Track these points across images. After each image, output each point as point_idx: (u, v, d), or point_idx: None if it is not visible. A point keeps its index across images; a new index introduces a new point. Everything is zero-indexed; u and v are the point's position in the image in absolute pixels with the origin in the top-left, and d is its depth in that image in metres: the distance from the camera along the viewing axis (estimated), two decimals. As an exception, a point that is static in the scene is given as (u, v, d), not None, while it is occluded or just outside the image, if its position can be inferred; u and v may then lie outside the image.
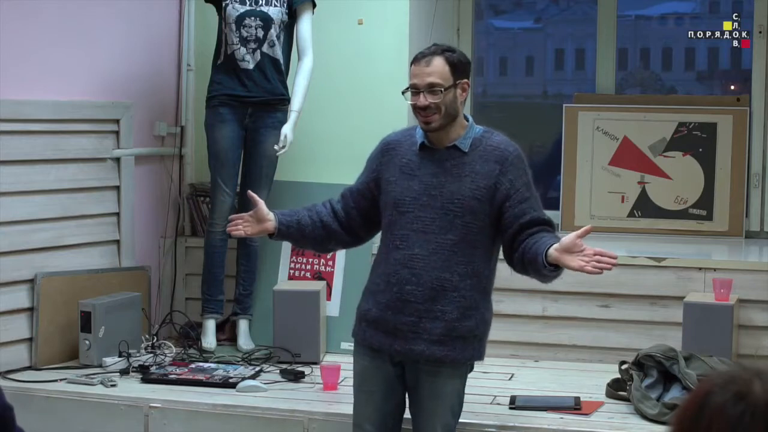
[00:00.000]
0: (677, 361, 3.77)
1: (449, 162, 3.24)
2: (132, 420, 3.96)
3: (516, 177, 3.23)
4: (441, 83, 3.19)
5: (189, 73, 5.12)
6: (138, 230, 4.88)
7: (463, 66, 3.25)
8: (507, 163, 3.23)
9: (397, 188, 3.26)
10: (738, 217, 5.06)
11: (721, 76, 5.88)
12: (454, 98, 3.22)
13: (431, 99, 3.19)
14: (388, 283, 3.25)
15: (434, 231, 3.21)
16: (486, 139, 3.28)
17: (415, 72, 3.22)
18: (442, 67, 3.20)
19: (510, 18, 6.40)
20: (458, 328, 3.23)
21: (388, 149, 3.35)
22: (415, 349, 3.23)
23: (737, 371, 1.46)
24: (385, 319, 3.26)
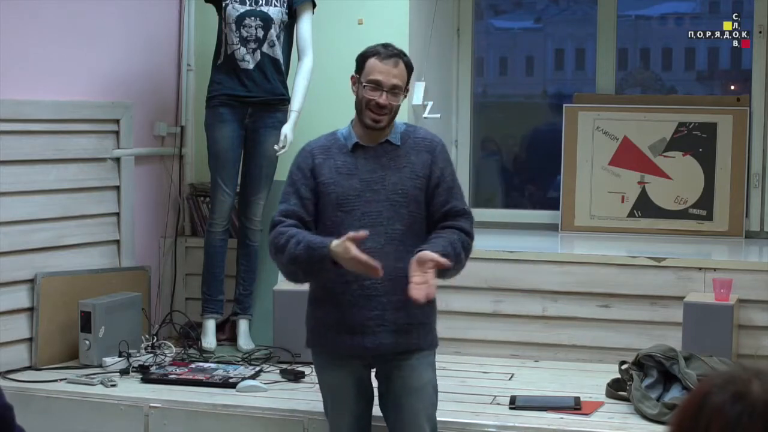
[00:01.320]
0: (677, 361, 3.77)
1: (385, 157, 3.30)
2: (132, 420, 3.96)
3: (444, 166, 3.33)
4: (402, 86, 3.29)
5: (189, 73, 5.12)
6: (138, 230, 4.88)
7: (412, 73, 3.36)
8: (436, 152, 3.33)
9: (337, 188, 3.27)
10: (738, 217, 5.06)
11: (721, 76, 5.89)
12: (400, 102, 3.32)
13: (392, 100, 3.26)
14: (345, 282, 3.22)
15: (382, 223, 3.24)
16: (412, 132, 3.37)
17: (380, 69, 3.28)
18: (404, 70, 3.30)
19: (510, 18, 6.39)
20: (418, 315, 3.25)
21: (316, 154, 3.34)
22: (384, 342, 3.25)
23: (736, 371, 1.46)
24: (348, 318, 3.24)
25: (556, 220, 5.27)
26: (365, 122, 3.30)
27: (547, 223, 5.34)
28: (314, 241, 3.15)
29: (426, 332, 3.32)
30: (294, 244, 3.16)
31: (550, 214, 5.35)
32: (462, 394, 4.02)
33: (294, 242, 3.17)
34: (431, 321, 3.35)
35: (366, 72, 3.30)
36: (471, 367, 4.45)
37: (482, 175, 5.78)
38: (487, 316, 4.60)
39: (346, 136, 3.36)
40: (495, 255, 4.60)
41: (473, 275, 4.60)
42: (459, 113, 5.52)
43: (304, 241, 3.16)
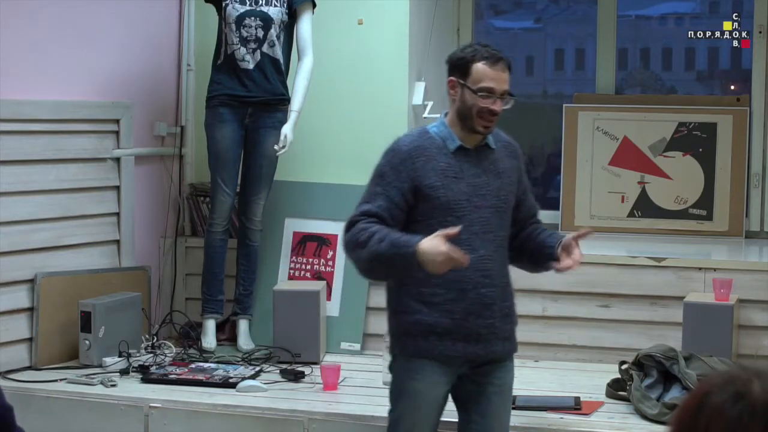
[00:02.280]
0: (677, 361, 3.77)
1: (485, 161, 3.18)
2: (132, 420, 3.96)
3: (524, 170, 3.32)
4: (510, 92, 3.14)
5: (189, 73, 5.12)
6: (138, 230, 4.88)
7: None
8: (519, 157, 3.31)
9: (447, 192, 3.10)
10: (738, 217, 5.06)
11: (721, 76, 5.89)
12: None
13: (503, 106, 3.11)
14: (461, 290, 3.11)
15: (492, 230, 3.16)
16: (496, 135, 3.24)
17: (493, 76, 3.09)
18: (509, 75, 3.15)
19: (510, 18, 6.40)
20: (515, 321, 3.27)
21: (415, 155, 3.12)
22: (494, 350, 3.19)
23: (736, 371, 1.46)
24: (464, 326, 3.13)
25: (556, 220, 5.27)
26: (475, 128, 3.12)
27: (547, 223, 5.27)
28: (400, 239, 3.00)
29: (515, 337, 3.30)
30: (377, 241, 3.00)
31: (550, 214, 5.34)
32: (462, 394, 4.02)
33: (377, 239, 3.00)
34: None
35: (475, 78, 3.09)
36: (471, 367, 4.44)
37: (482, 175, 5.76)
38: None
39: (443, 137, 3.15)
40: (495, 255, 4.59)
41: (473, 275, 4.60)
42: (459, 113, 5.51)
43: (388, 239, 3.00)
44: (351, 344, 4.71)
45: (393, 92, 4.95)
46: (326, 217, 4.88)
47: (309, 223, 4.91)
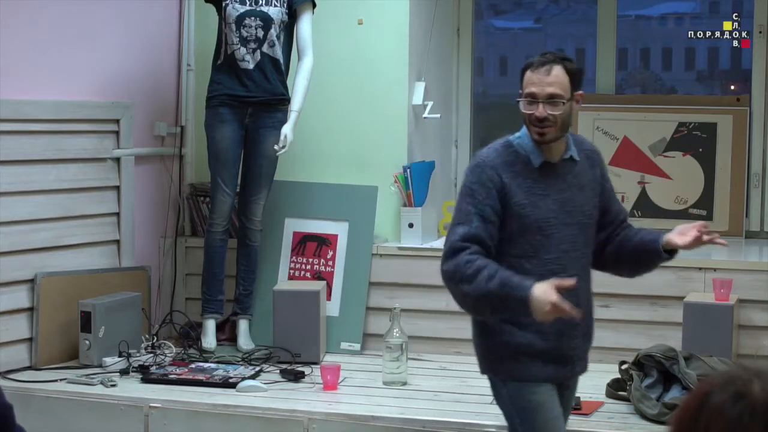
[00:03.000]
0: (677, 361, 3.77)
1: (569, 174, 3.06)
2: (132, 420, 3.96)
3: (607, 173, 3.21)
4: (561, 94, 2.98)
5: (189, 73, 5.12)
6: (138, 230, 4.88)
7: (580, 76, 3.07)
8: (600, 163, 3.17)
9: (536, 211, 3.00)
10: (738, 217, 5.05)
11: (721, 76, 5.89)
12: (571, 110, 3.03)
13: (550, 111, 2.97)
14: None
15: (579, 248, 3.06)
16: (579, 142, 3.14)
17: (534, 80, 3.00)
18: (563, 77, 3.00)
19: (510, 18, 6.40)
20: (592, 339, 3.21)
21: (501, 172, 3.02)
22: (577, 370, 3.15)
23: (736, 371, 1.46)
24: (555, 348, 3.05)
25: (556, 220, 5.26)
26: (533, 138, 3.02)
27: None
28: (511, 279, 2.87)
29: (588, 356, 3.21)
30: (486, 278, 2.87)
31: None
32: (462, 394, 4.02)
33: (486, 276, 2.88)
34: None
35: (523, 86, 3.04)
36: (471, 367, 4.41)
37: (482, 175, 5.76)
38: (487, 316, 4.59)
39: (528, 150, 3.04)
40: (495, 255, 4.59)
41: (473, 275, 4.60)
42: (459, 113, 5.52)
43: (498, 277, 2.87)
44: (351, 344, 4.71)
45: (393, 92, 4.95)
46: (326, 217, 4.88)
47: (309, 223, 4.91)
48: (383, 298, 4.69)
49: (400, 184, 4.84)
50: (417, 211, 4.81)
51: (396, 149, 4.92)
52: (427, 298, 4.65)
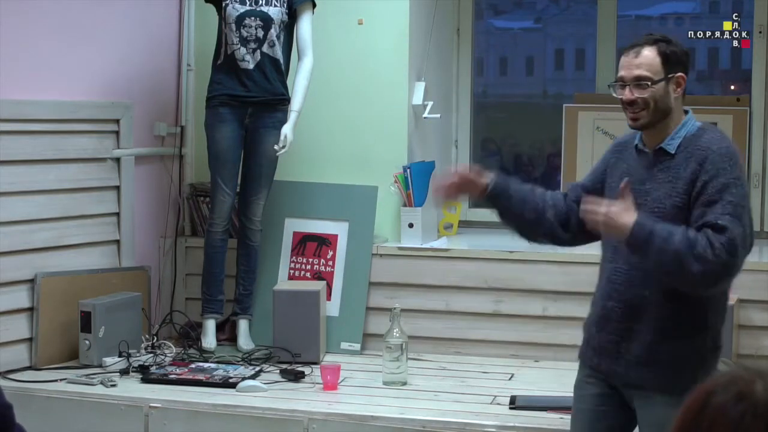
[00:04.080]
0: (677, 361, 3.77)
1: (657, 167, 2.91)
2: (132, 420, 3.95)
3: (711, 177, 2.80)
4: (649, 76, 2.88)
5: (189, 73, 5.12)
6: (138, 230, 4.88)
7: (678, 57, 2.92)
8: (707, 162, 2.82)
9: (612, 194, 2.93)
10: (738, 217, 5.05)
11: (721, 76, 5.89)
12: (665, 93, 2.89)
13: (638, 93, 2.89)
14: (598, 297, 3.02)
15: None
16: (697, 138, 2.90)
17: (623, 63, 2.93)
18: (653, 58, 2.89)
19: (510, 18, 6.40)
20: (656, 350, 2.88)
21: (616, 150, 3.08)
22: (617, 370, 2.95)
23: (739, 372, 1.46)
24: (591, 334, 3.03)
25: (556, 220, 5.26)
26: (628, 124, 2.96)
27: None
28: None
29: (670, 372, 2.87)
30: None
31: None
32: (462, 394, 4.02)
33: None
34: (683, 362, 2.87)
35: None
36: (471, 367, 4.45)
37: (482, 175, 5.76)
38: (487, 316, 4.60)
39: (638, 136, 3.01)
40: (495, 255, 4.60)
41: (473, 275, 4.61)
42: (459, 113, 5.52)
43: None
44: (351, 344, 4.71)
45: (393, 92, 4.95)
46: (326, 217, 4.88)
47: (309, 223, 4.91)
48: (383, 298, 4.69)
49: (400, 184, 4.84)
50: (417, 211, 4.82)
51: (396, 149, 4.92)
52: (427, 298, 4.65)
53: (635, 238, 2.77)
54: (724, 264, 2.73)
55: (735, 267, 2.77)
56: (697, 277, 2.73)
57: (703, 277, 2.73)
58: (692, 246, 2.72)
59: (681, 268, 2.73)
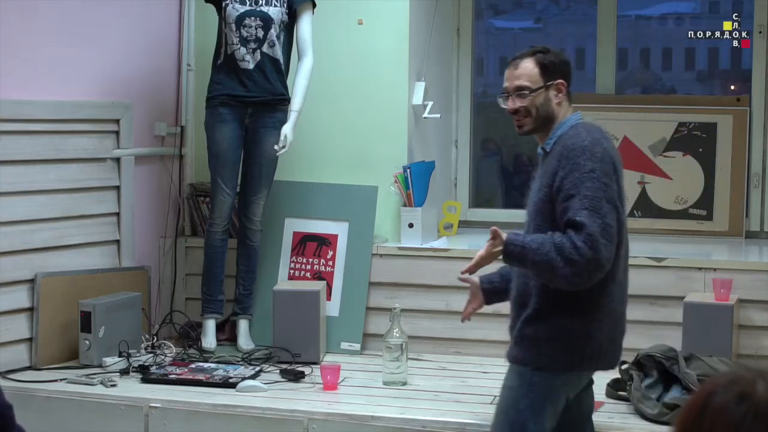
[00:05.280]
0: (677, 361, 3.77)
1: (541, 166, 3.17)
2: (132, 420, 3.95)
3: (567, 173, 2.99)
4: (528, 85, 3.13)
5: (189, 73, 5.12)
6: (138, 230, 4.88)
7: (556, 66, 3.17)
8: (563, 158, 3.02)
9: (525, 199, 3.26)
10: (738, 217, 5.06)
11: (721, 76, 5.88)
12: (546, 100, 3.14)
13: (519, 102, 3.14)
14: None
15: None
16: (564, 135, 3.11)
17: (506, 76, 3.19)
18: (531, 69, 3.14)
19: (510, 18, 6.40)
20: (524, 329, 3.12)
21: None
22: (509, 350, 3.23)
23: (740, 372, 1.46)
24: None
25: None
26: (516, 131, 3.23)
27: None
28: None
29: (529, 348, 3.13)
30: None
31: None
32: (462, 394, 4.02)
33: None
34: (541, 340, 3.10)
35: None
36: (471, 367, 4.45)
37: (482, 175, 5.78)
38: (487, 316, 4.58)
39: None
40: (495, 255, 4.59)
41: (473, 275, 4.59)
42: (459, 113, 5.52)
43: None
44: (351, 344, 4.71)
45: (393, 92, 4.95)
46: (326, 217, 4.88)
47: (309, 223, 4.91)
48: (383, 298, 4.69)
49: (400, 184, 4.84)
50: (417, 211, 4.82)
51: (396, 149, 4.92)
52: (427, 298, 4.65)
53: (510, 257, 3.03)
54: (589, 261, 2.91)
55: (601, 260, 2.93)
56: (570, 278, 2.93)
57: (574, 277, 2.93)
58: (560, 251, 2.91)
59: (555, 273, 2.94)
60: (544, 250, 2.94)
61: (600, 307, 3.07)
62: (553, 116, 3.15)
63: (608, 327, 3.10)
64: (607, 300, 3.08)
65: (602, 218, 2.93)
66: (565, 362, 3.10)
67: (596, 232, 2.91)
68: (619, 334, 3.18)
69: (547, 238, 2.96)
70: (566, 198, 2.97)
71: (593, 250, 2.90)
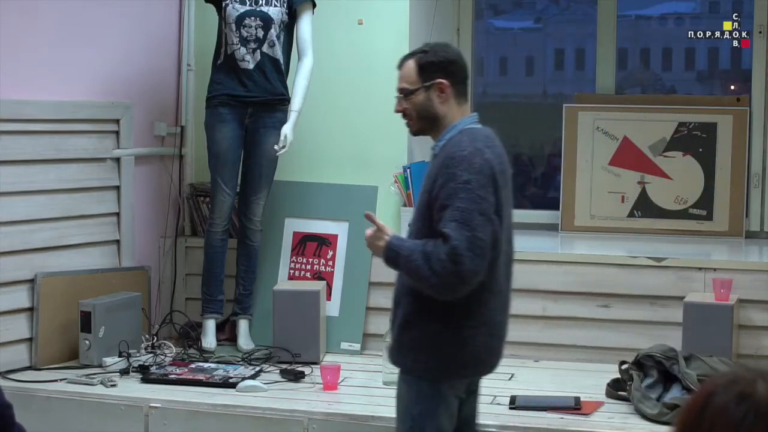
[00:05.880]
0: (677, 361, 3.77)
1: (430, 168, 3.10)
2: (132, 420, 3.95)
3: (444, 182, 2.94)
4: (407, 87, 3.10)
5: (189, 73, 5.12)
6: (138, 230, 4.88)
7: (436, 65, 3.07)
8: (443, 166, 2.97)
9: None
10: (738, 217, 5.05)
11: (721, 76, 5.89)
12: (427, 100, 3.07)
13: (403, 104, 3.12)
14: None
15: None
16: (450, 141, 3.05)
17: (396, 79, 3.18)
18: (410, 69, 3.10)
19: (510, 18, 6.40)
20: (401, 335, 3.09)
21: None
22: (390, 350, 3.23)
23: (740, 372, 1.46)
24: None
25: (556, 220, 5.27)
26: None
27: (547, 223, 5.34)
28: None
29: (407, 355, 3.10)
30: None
31: (550, 214, 5.35)
32: (462, 394, 4.02)
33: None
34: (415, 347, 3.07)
35: None
36: (471, 367, 4.44)
37: (482, 175, 5.76)
38: (487, 316, 4.59)
39: None
40: (495, 255, 4.59)
41: (473, 275, 4.60)
42: (459, 113, 5.51)
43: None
44: (351, 344, 4.71)
45: (393, 92, 4.93)
46: (326, 217, 4.88)
47: (309, 223, 4.91)
48: (383, 298, 4.68)
49: (400, 184, 4.84)
50: (417, 211, 4.81)
51: (396, 149, 4.92)
52: (427, 298, 4.64)
53: (387, 260, 3.06)
54: (450, 273, 2.88)
55: (462, 273, 2.88)
56: (436, 288, 2.93)
57: (439, 286, 2.92)
58: (428, 260, 2.90)
59: (422, 283, 2.95)
60: (413, 257, 2.94)
61: (474, 316, 3.01)
62: (436, 116, 3.08)
63: (484, 336, 3.04)
64: (482, 309, 3.01)
65: (472, 231, 2.87)
66: (441, 370, 3.05)
67: (461, 245, 2.86)
68: (497, 342, 3.11)
69: (419, 246, 2.95)
70: (441, 208, 2.93)
71: (455, 263, 2.86)
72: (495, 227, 2.93)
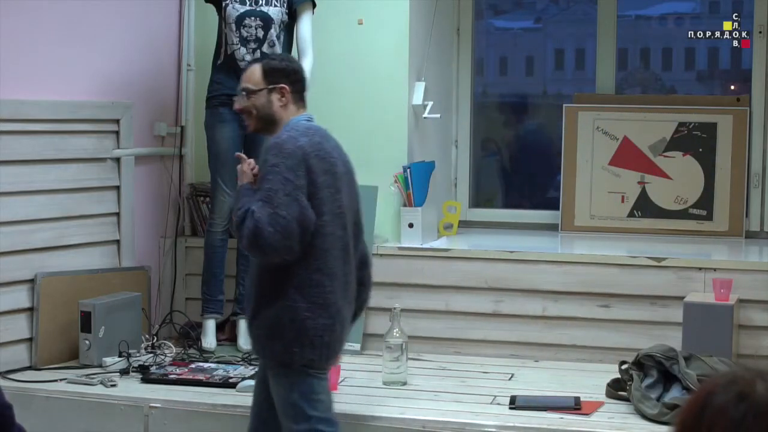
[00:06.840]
0: (677, 361, 3.77)
1: None
2: (132, 420, 3.96)
3: (261, 168, 3.27)
4: (250, 87, 3.38)
5: (189, 73, 5.12)
6: (138, 230, 4.88)
7: (280, 71, 3.38)
8: (262, 154, 3.30)
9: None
10: (738, 217, 5.06)
11: (721, 76, 5.88)
12: (267, 102, 3.36)
13: (241, 102, 3.42)
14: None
15: None
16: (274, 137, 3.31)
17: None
18: (256, 73, 3.39)
19: (510, 18, 6.39)
20: (252, 328, 3.31)
21: None
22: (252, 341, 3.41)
23: (739, 372, 1.46)
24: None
25: (556, 220, 5.27)
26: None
27: (547, 223, 5.34)
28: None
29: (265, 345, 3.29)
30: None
31: (550, 214, 5.36)
32: (462, 394, 4.02)
33: None
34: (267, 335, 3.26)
35: None
36: (471, 367, 4.45)
37: (482, 175, 5.78)
38: (487, 316, 4.60)
39: None
40: (495, 255, 4.60)
41: (473, 275, 4.60)
42: (459, 113, 5.52)
43: None
44: (351, 344, 4.70)
45: (393, 92, 4.95)
46: (326, 217, 4.87)
47: (309, 223, 4.90)
48: (383, 298, 4.68)
49: (400, 184, 4.84)
50: (417, 211, 4.82)
51: (396, 149, 4.92)
52: (427, 298, 4.65)
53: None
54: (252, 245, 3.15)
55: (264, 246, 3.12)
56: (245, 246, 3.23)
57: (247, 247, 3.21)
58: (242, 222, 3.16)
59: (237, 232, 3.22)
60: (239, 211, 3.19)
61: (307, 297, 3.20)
62: (274, 117, 3.36)
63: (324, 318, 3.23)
64: (316, 290, 3.21)
65: (274, 209, 3.12)
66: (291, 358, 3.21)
67: (261, 218, 3.11)
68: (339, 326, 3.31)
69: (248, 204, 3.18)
70: (257, 190, 3.22)
71: (255, 236, 3.12)
72: (303, 208, 3.15)
